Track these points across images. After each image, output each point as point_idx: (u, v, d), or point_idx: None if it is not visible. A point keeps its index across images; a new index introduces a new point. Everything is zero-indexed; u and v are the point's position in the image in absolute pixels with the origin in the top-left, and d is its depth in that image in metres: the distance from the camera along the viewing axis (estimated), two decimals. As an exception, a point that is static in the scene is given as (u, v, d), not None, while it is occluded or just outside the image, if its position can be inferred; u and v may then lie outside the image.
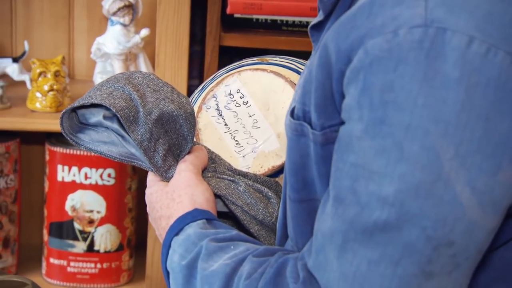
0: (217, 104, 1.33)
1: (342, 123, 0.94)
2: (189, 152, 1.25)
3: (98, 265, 2.24)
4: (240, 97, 1.34)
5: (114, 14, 2.08)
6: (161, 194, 1.24)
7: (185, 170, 1.23)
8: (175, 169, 1.23)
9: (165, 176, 1.19)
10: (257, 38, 2.24)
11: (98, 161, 2.09)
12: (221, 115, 1.34)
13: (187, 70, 2.12)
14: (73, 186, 2.14)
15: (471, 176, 0.88)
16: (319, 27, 1.13)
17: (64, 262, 2.20)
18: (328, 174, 0.99)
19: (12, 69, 2.12)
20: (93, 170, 2.02)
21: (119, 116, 1.12)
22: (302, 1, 2.29)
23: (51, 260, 2.19)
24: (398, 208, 0.89)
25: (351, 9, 0.97)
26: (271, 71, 1.28)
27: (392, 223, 0.89)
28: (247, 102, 1.34)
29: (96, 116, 1.21)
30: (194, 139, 1.24)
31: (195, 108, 1.26)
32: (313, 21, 1.14)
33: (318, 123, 1.00)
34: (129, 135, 1.18)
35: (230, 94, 1.33)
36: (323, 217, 0.98)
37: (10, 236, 2.23)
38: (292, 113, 1.05)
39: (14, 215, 2.25)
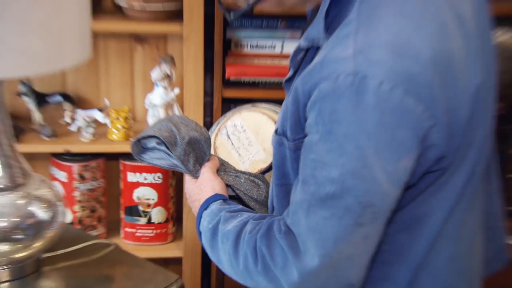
0: (227, 132, 1.38)
1: (305, 136, 1.04)
2: (208, 160, 1.33)
3: (154, 231, 2.42)
4: (241, 127, 1.39)
5: (158, 80, 2.17)
6: (194, 187, 1.30)
7: (206, 172, 1.29)
8: (200, 171, 1.30)
9: (195, 176, 1.31)
10: (245, 92, 2.38)
11: (152, 169, 2.25)
12: (229, 138, 1.39)
13: (203, 113, 2.26)
14: (137, 184, 2.33)
15: (383, 164, 0.99)
16: (290, 80, 1.19)
17: (133, 230, 2.38)
18: (298, 168, 1.09)
19: (99, 116, 2.20)
20: (149, 174, 2.21)
21: (165, 142, 1.27)
22: (270, 67, 2.40)
23: (126, 229, 2.39)
24: (341, 184, 1.00)
25: (310, 65, 1.04)
26: (260, 112, 1.38)
27: (337, 194, 1.01)
28: (245, 130, 1.38)
29: (151, 143, 1.30)
30: (212, 153, 1.33)
31: (214, 134, 1.36)
32: (286, 77, 1.22)
33: (291, 137, 1.12)
34: (172, 153, 1.28)
35: (235, 125, 1.38)
36: (295, 193, 1.07)
37: (101, 215, 2.38)
38: (276, 131, 1.17)
39: (103, 203, 2.38)
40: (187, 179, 1.29)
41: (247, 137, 1.40)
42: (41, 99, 2.14)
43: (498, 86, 1.27)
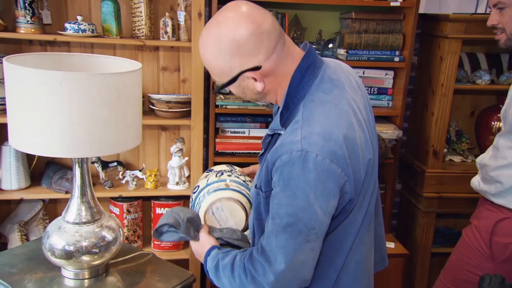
0: (212, 211, 1.30)
1: (271, 189, 1.06)
2: (201, 228, 1.28)
3: (171, 243, 2.30)
4: (222, 209, 1.30)
5: (175, 152, 2.26)
6: (198, 246, 1.26)
7: (203, 235, 1.26)
8: (199, 236, 1.26)
9: (197, 239, 1.26)
10: (227, 158, 2.32)
11: (170, 206, 2.25)
12: (213, 214, 1.31)
13: (202, 172, 2.21)
14: (161, 215, 2.18)
15: (320, 204, 1.01)
16: (262, 155, 1.21)
17: (159, 243, 2.32)
18: (267, 209, 1.09)
19: (139, 174, 2.29)
20: (168, 209, 2.08)
21: (173, 225, 1.25)
22: (242, 144, 2.35)
23: (155, 242, 2.36)
24: (294, 217, 1.01)
25: (275, 146, 1.06)
26: (233, 199, 1.31)
27: (293, 223, 1.02)
28: (223, 210, 1.31)
29: (165, 228, 1.27)
30: (203, 223, 1.33)
31: (204, 211, 1.32)
32: (259, 153, 1.23)
33: (264, 190, 1.12)
34: (178, 230, 1.26)
35: (217, 208, 1.30)
36: (267, 225, 1.08)
37: (140, 234, 2.37)
38: (255, 186, 1.16)
39: (140, 226, 2.36)
40: (192, 243, 1.30)
41: (226, 215, 1.35)
42: (104, 164, 2.33)
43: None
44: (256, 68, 1.06)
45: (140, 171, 2.28)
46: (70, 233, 1.32)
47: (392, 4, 2.23)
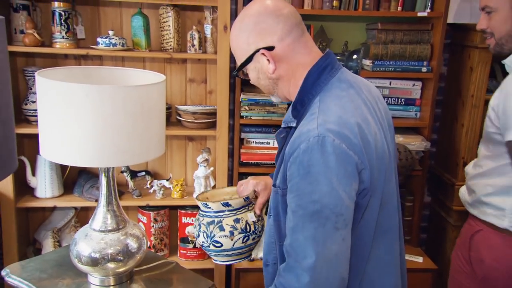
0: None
1: (287, 187, 1.04)
2: None
3: (197, 252, 2.34)
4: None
5: (201, 162, 2.27)
6: None
7: None
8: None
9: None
10: (252, 168, 2.32)
11: (195, 215, 2.25)
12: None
13: (227, 182, 2.26)
14: (187, 224, 2.31)
15: (343, 187, 0.98)
16: (278, 155, 1.19)
17: (185, 252, 2.37)
18: (285, 208, 1.07)
19: (166, 183, 2.32)
20: (194, 218, 2.22)
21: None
22: (266, 154, 2.35)
23: (181, 251, 2.40)
24: (320, 203, 0.97)
25: (292, 138, 1.05)
26: None
27: (319, 209, 0.97)
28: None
29: None
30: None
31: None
32: (276, 154, 1.22)
33: (282, 187, 1.09)
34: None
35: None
36: (289, 223, 1.04)
37: (166, 243, 2.42)
38: (274, 185, 1.14)
39: (167, 235, 2.42)
40: None
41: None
42: (133, 174, 2.37)
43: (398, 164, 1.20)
44: (270, 48, 1.10)
45: (167, 180, 2.31)
46: (96, 241, 1.33)
47: (420, 14, 2.21)
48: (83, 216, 2.43)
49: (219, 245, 1.29)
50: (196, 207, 2.23)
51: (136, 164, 2.21)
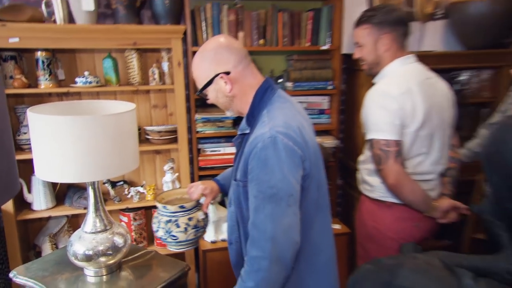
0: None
1: (247, 179, 1.04)
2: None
3: None
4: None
5: (167, 170, 2.17)
6: None
7: None
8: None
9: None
10: (208, 171, 2.36)
11: None
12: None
13: (189, 183, 2.18)
14: None
15: (292, 174, 1.00)
16: (237, 155, 1.19)
17: (160, 241, 2.21)
18: (246, 197, 1.07)
19: (141, 189, 2.22)
20: None
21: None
22: (219, 159, 2.36)
23: (157, 241, 2.28)
24: (276, 188, 0.98)
25: (248, 141, 1.07)
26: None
27: (275, 192, 0.98)
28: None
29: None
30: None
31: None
32: (234, 155, 1.21)
33: (242, 180, 1.09)
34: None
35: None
36: (252, 205, 1.02)
37: (145, 236, 2.30)
38: (234, 180, 1.13)
39: (145, 230, 2.29)
40: None
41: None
42: (113, 184, 2.25)
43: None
44: (227, 73, 1.12)
45: (141, 186, 2.22)
46: (88, 241, 1.29)
47: (322, 48, 2.28)
48: (74, 222, 2.31)
49: (175, 238, 1.26)
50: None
51: (115, 176, 2.05)
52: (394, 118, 1.39)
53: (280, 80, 2.38)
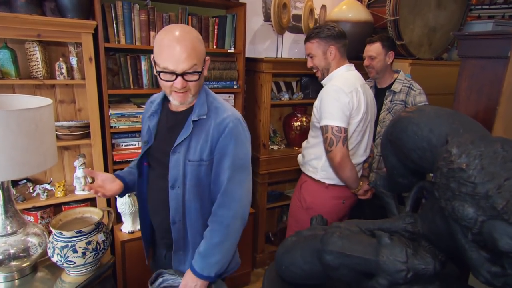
0: None
1: (213, 157, 1.07)
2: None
3: None
4: None
5: (79, 166, 2.05)
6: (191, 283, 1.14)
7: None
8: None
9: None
10: (122, 165, 2.20)
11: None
12: None
13: None
14: None
15: (250, 148, 1.10)
16: (186, 138, 1.10)
17: None
18: (208, 175, 1.08)
19: (48, 186, 1.97)
20: None
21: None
22: (133, 154, 2.24)
23: None
24: (244, 160, 1.09)
25: (216, 122, 1.06)
26: None
27: (244, 164, 1.09)
28: None
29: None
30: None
31: None
32: (183, 137, 1.11)
33: (207, 159, 1.09)
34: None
35: None
36: (223, 176, 1.07)
37: None
38: (196, 161, 1.09)
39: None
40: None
41: None
42: (14, 183, 1.98)
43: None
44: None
45: (48, 184, 2.01)
46: None
47: (229, 51, 2.32)
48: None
49: (72, 263, 1.12)
50: (79, 201, 2.00)
51: (33, 174, 1.80)
52: (345, 109, 1.53)
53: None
